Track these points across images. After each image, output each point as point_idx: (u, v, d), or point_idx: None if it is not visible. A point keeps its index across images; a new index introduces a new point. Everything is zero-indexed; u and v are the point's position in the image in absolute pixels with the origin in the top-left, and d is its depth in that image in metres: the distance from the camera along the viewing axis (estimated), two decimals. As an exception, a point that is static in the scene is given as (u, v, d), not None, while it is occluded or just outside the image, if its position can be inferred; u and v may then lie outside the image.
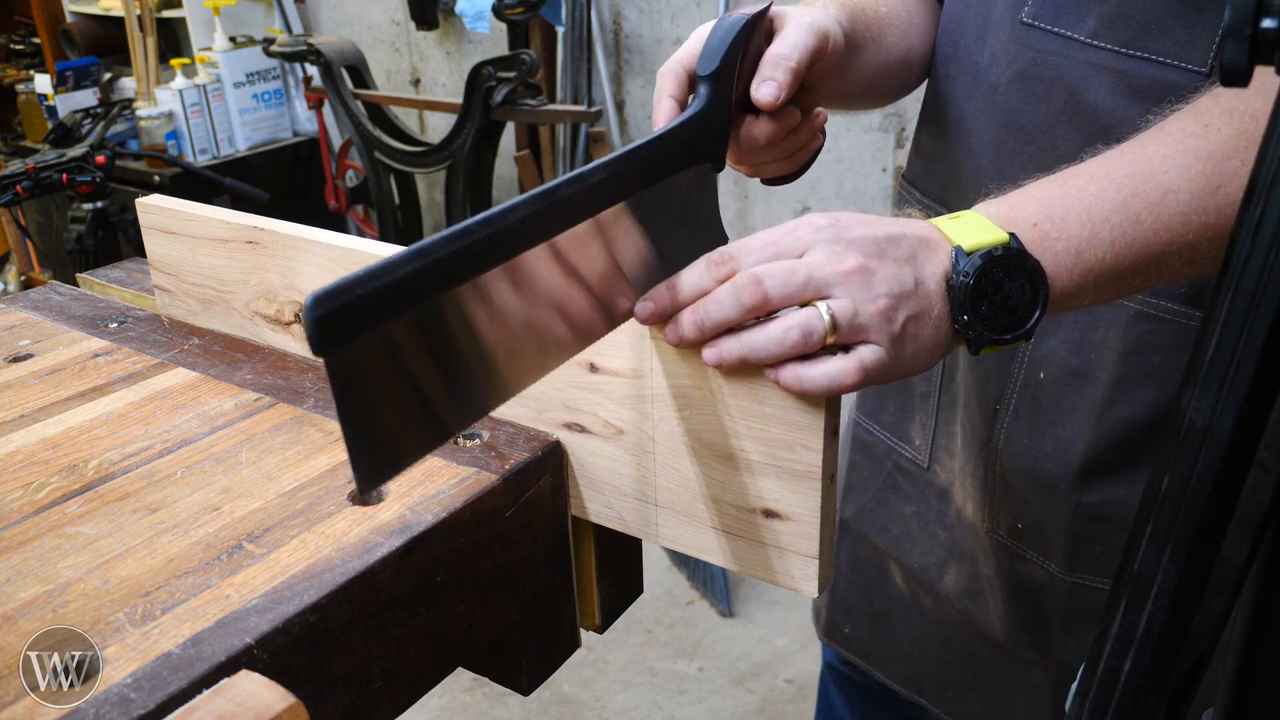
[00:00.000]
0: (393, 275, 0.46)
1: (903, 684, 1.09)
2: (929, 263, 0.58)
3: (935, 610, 1.03)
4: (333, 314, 0.44)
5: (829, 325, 0.54)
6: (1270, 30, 0.36)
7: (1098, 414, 0.82)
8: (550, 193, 0.53)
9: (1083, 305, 0.63)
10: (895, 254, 0.57)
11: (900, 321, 0.56)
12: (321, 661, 0.52)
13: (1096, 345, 0.81)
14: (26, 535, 0.59)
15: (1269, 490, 0.41)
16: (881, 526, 1.05)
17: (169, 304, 0.87)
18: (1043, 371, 0.84)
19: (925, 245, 0.58)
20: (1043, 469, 0.86)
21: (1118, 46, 0.73)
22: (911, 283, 0.57)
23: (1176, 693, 0.44)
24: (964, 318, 0.57)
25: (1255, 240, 0.39)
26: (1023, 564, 0.90)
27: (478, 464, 0.64)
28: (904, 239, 0.58)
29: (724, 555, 0.64)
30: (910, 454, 1.01)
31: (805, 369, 0.55)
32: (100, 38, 3.67)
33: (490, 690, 2.09)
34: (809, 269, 0.55)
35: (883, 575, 1.08)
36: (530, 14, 2.66)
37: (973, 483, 0.93)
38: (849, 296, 0.55)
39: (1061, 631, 0.90)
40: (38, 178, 2.21)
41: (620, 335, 0.62)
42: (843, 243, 0.56)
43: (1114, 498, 0.83)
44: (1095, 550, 0.85)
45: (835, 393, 0.55)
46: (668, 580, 2.39)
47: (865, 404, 1.07)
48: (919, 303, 0.57)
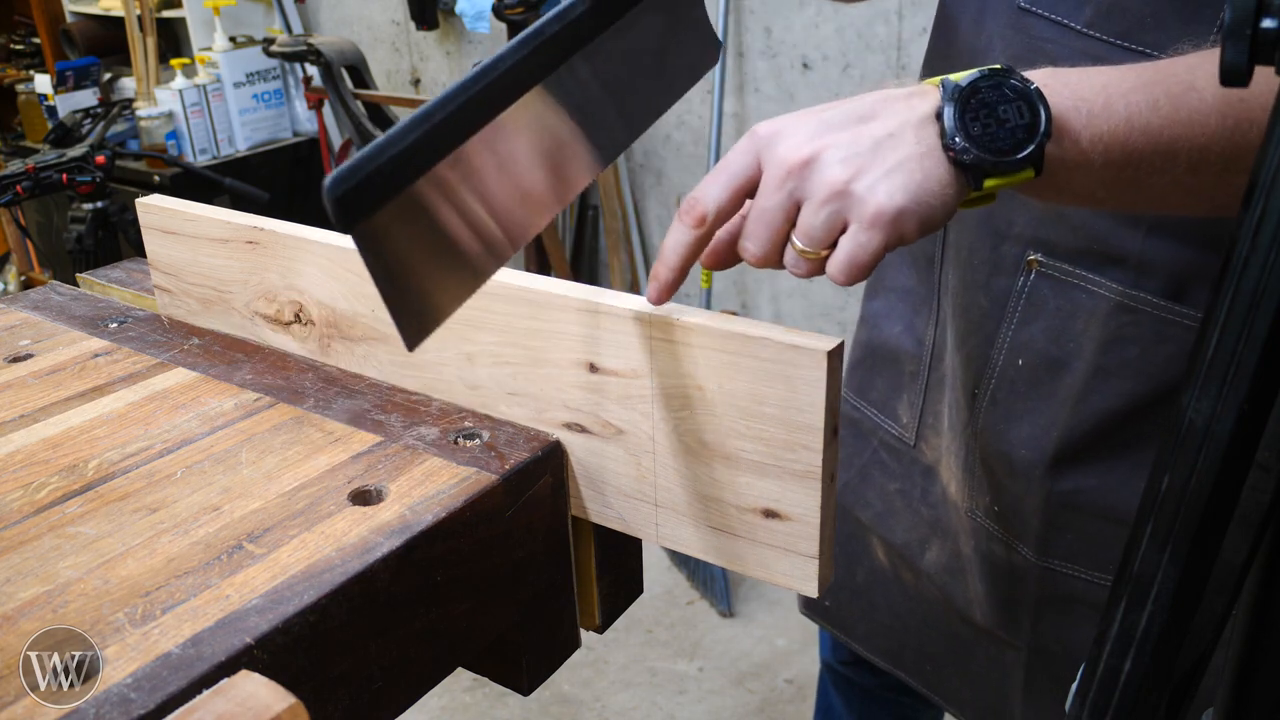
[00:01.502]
0: (401, 144, 0.48)
1: (881, 657, 1.10)
2: (905, 110, 0.57)
3: (916, 586, 1.04)
4: (350, 192, 0.47)
5: (805, 251, 0.56)
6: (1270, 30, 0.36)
7: (1074, 403, 0.83)
8: (537, 33, 0.53)
9: (1086, 188, 0.62)
10: (842, 123, 0.57)
11: (871, 180, 0.55)
12: (321, 661, 0.52)
13: (1076, 335, 0.82)
14: (26, 535, 0.59)
15: (1269, 490, 0.41)
16: (865, 502, 1.06)
17: (169, 304, 0.87)
18: (1022, 358, 0.85)
19: (897, 99, 0.58)
20: (1018, 455, 0.87)
21: (1112, 38, 0.73)
22: (870, 141, 0.56)
23: (1176, 693, 0.44)
24: (955, 141, 0.56)
25: (1255, 240, 0.39)
26: (999, 546, 0.91)
27: (478, 464, 0.64)
28: (857, 105, 0.58)
29: (724, 555, 0.64)
30: (897, 431, 1.01)
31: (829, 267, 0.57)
32: (100, 38, 3.67)
33: (490, 690, 2.09)
34: (764, 211, 0.57)
35: (864, 550, 1.09)
36: (530, 14, 2.66)
37: (956, 462, 0.94)
38: (808, 194, 0.56)
39: (1033, 614, 0.91)
40: (38, 178, 2.21)
41: (620, 335, 0.62)
42: (784, 140, 0.56)
43: (1086, 486, 0.84)
44: (1067, 537, 0.86)
45: (862, 268, 0.56)
46: (668, 580, 2.39)
47: (853, 381, 1.07)
48: (892, 152, 0.56)
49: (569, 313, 0.63)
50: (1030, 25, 0.78)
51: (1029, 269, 0.82)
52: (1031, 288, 0.83)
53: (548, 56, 0.54)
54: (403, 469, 0.64)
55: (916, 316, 0.97)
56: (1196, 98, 0.59)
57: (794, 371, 0.56)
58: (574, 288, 0.64)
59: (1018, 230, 0.83)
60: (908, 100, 0.58)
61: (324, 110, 3.24)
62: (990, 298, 0.86)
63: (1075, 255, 0.80)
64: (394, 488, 0.62)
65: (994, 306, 0.85)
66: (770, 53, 2.54)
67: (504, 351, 0.68)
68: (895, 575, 1.06)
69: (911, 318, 0.98)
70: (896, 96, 0.58)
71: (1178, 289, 0.78)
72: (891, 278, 1.01)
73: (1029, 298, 0.83)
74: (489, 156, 0.52)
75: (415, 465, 0.64)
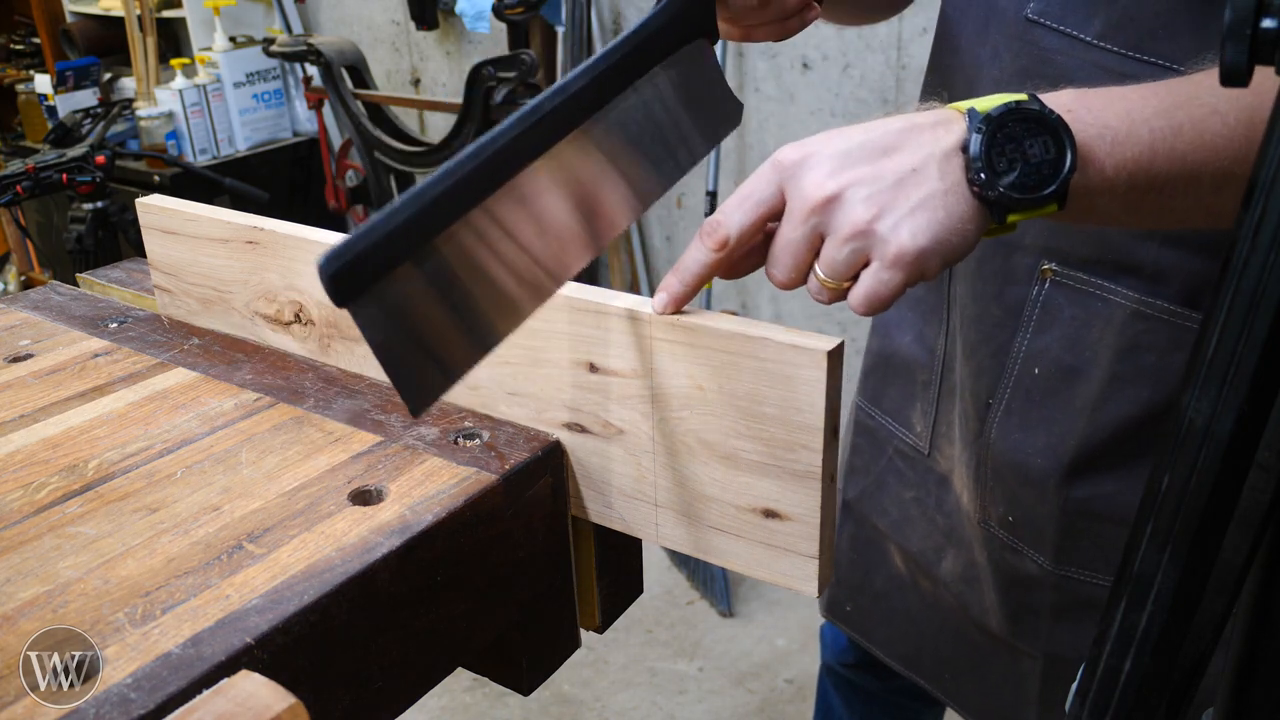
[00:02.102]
0: (393, 223, 0.49)
1: (900, 662, 1.10)
2: (930, 143, 0.56)
3: (933, 593, 1.04)
4: (343, 270, 0.47)
5: (827, 282, 0.57)
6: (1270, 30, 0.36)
7: (1090, 411, 0.82)
8: (534, 109, 0.54)
9: (1109, 212, 0.61)
10: (865, 156, 0.56)
11: (894, 220, 0.55)
12: (321, 661, 0.52)
13: (1092, 343, 0.82)
14: (26, 535, 0.59)
15: (1269, 490, 0.41)
16: (882, 509, 1.06)
17: (169, 304, 0.87)
18: (1037, 367, 0.85)
19: (922, 129, 0.57)
20: (1033, 464, 0.86)
21: (1124, 49, 0.72)
22: (893, 177, 0.55)
23: (1176, 693, 0.44)
24: (981, 176, 0.55)
25: (1255, 240, 0.39)
26: (1013, 555, 0.91)
27: (478, 464, 0.64)
28: (882, 135, 0.57)
29: (724, 555, 0.64)
30: (911, 440, 1.01)
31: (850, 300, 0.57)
32: (100, 38, 3.67)
33: (490, 690, 2.09)
34: (790, 243, 0.57)
35: (883, 557, 1.09)
36: (530, 14, 2.66)
37: (966, 472, 0.94)
38: (832, 230, 0.56)
39: (1050, 623, 0.91)
40: (38, 178, 2.21)
41: (620, 335, 0.62)
42: (809, 172, 0.56)
43: (1103, 493, 0.84)
44: (1084, 544, 0.86)
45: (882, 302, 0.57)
46: (668, 580, 2.39)
47: (867, 389, 1.07)
48: (915, 189, 0.55)
49: (569, 313, 0.63)
50: (1039, 37, 0.77)
51: (1043, 278, 0.82)
52: (1046, 296, 0.82)
53: (548, 129, 0.55)
54: (403, 469, 0.64)
55: (927, 326, 0.97)
56: (1219, 121, 0.59)
57: (794, 371, 0.56)
58: (574, 288, 0.64)
59: (1029, 240, 0.82)
60: (933, 131, 0.57)
61: (324, 110, 3.24)
62: (1003, 307, 0.85)
63: (1089, 264, 0.80)
64: (394, 488, 0.62)
65: (1007, 316, 0.85)
66: (770, 52, 2.54)
67: (504, 351, 0.68)
68: (913, 582, 1.06)
69: (922, 327, 0.98)
70: (922, 126, 0.57)
71: (1193, 295, 0.77)
72: None
73: (1044, 306, 0.83)
74: (487, 230, 0.53)
75: (415, 465, 0.64)
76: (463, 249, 0.52)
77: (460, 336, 0.53)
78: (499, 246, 0.54)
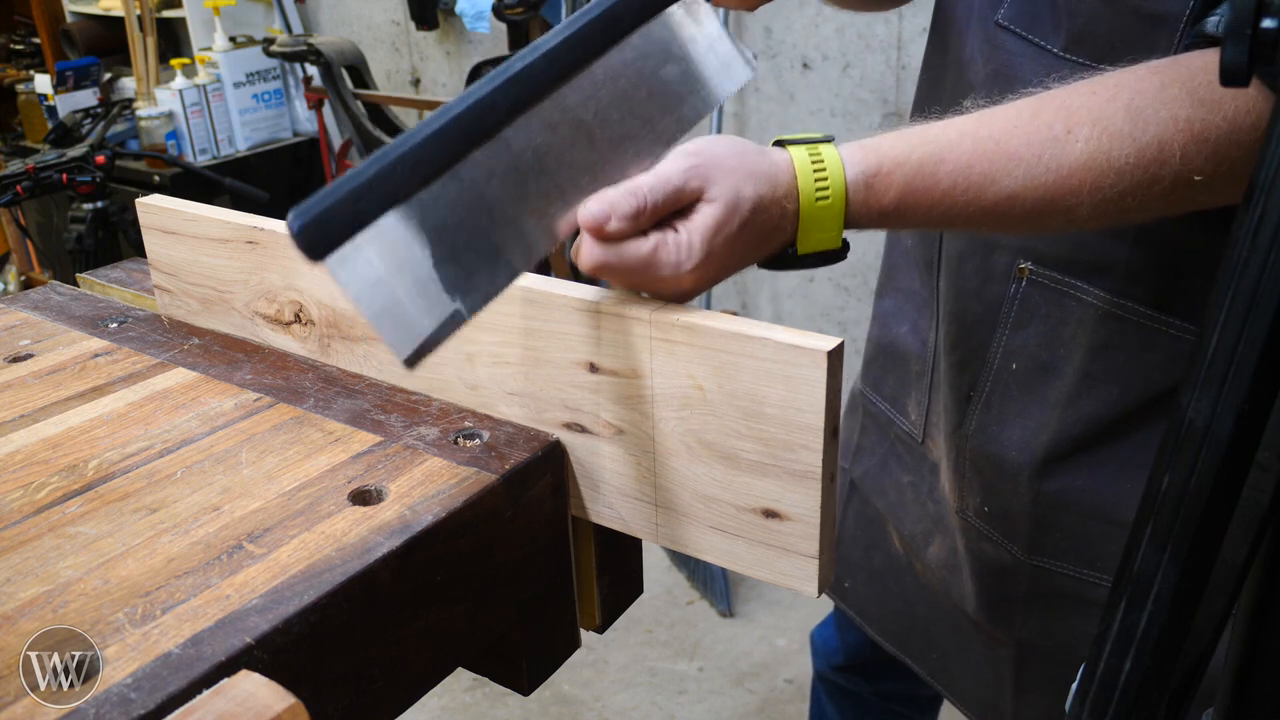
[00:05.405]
0: (359, 179, 0.49)
1: (891, 641, 1.12)
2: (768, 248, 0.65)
3: (924, 576, 1.06)
4: (310, 225, 0.48)
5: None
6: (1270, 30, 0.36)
7: (1063, 407, 0.85)
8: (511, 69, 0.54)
9: (923, 229, 0.70)
10: (732, 264, 0.63)
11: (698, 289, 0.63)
12: (321, 661, 0.52)
13: (1066, 341, 0.84)
14: (26, 535, 0.59)
15: (1269, 490, 0.41)
16: (882, 491, 1.09)
17: (169, 304, 0.87)
18: (1015, 362, 0.87)
19: (773, 242, 0.64)
20: (1007, 456, 0.89)
21: (1090, 61, 0.74)
22: (731, 273, 0.64)
23: (1176, 693, 0.44)
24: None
25: (1255, 240, 0.39)
26: (989, 544, 0.93)
27: (478, 464, 0.64)
28: (755, 245, 0.64)
29: (724, 555, 0.64)
30: (907, 427, 1.04)
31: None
32: (100, 38, 3.67)
33: (490, 690, 2.09)
34: (634, 259, 0.61)
35: (883, 536, 1.12)
36: (530, 14, 2.66)
37: (946, 463, 0.96)
38: (650, 276, 0.61)
39: (1023, 612, 0.93)
40: (38, 178, 2.21)
41: (620, 335, 0.62)
42: (688, 257, 0.61)
43: (1074, 485, 0.86)
44: (1055, 535, 0.88)
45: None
46: (668, 580, 2.39)
47: (869, 376, 1.10)
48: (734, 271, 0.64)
49: (569, 313, 0.63)
50: (1005, 42, 0.78)
51: (1020, 276, 0.84)
52: (1023, 294, 0.85)
53: (529, 89, 0.55)
54: (403, 469, 0.64)
55: (920, 318, 0.99)
56: (1074, 146, 0.63)
57: (794, 371, 0.56)
58: (574, 288, 0.64)
59: (1008, 240, 0.85)
60: (774, 237, 0.64)
61: (324, 110, 3.24)
62: (983, 304, 0.87)
63: (1064, 264, 0.82)
64: (394, 488, 0.62)
65: (987, 312, 0.87)
66: (770, 52, 2.54)
67: (504, 351, 0.68)
68: (908, 563, 1.09)
69: (916, 318, 1.00)
70: (774, 238, 0.65)
71: (1163, 298, 0.79)
72: (900, 279, 1.02)
73: (1021, 303, 0.85)
74: (467, 186, 0.53)
75: (415, 465, 0.64)
76: (449, 200, 0.52)
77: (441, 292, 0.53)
78: (489, 197, 0.54)
